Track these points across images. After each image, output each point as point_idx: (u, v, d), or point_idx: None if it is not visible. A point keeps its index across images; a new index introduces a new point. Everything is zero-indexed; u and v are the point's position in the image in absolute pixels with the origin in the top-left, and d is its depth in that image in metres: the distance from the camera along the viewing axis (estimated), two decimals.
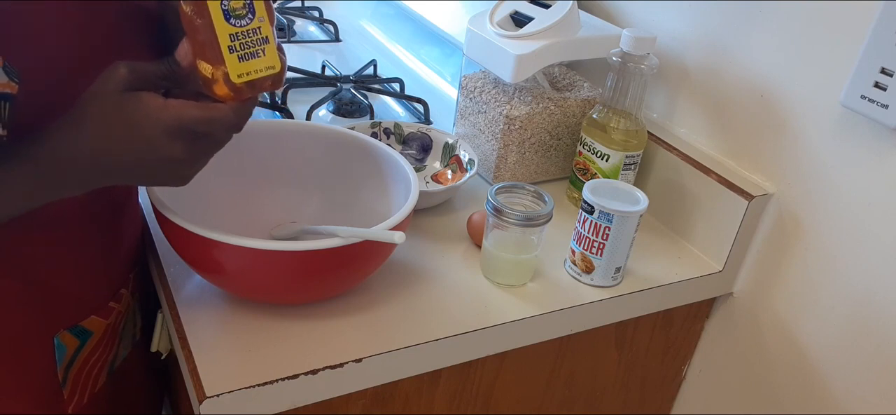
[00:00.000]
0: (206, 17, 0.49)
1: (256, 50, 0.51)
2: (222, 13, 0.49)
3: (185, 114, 0.49)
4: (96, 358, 0.70)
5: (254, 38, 0.50)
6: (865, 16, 0.69)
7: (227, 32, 0.49)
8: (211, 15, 0.48)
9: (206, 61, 0.50)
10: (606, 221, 0.74)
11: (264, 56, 0.51)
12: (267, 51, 0.51)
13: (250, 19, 0.50)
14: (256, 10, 0.50)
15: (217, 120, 0.50)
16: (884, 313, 0.73)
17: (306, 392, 0.62)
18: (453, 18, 1.17)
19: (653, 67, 0.84)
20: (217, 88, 0.50)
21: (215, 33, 0.49)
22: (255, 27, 0.50)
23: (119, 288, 0.71)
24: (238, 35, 0.50)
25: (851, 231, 0.75)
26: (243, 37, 0.50)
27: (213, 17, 0.49)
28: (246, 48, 0.50)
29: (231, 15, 0.49)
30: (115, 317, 0.71)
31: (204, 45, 0.49)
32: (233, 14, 0.49)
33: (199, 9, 0.48)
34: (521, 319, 0.71)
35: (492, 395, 0.78)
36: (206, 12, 0.48)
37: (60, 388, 0.66)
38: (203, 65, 0.50)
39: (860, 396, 0.76)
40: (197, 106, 0.49)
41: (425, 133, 0.96)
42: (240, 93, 0.51)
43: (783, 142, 0.80)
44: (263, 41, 0.51)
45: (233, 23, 0.49)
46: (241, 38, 0.50)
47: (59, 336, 0.65)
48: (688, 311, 0.89)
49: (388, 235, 0.61)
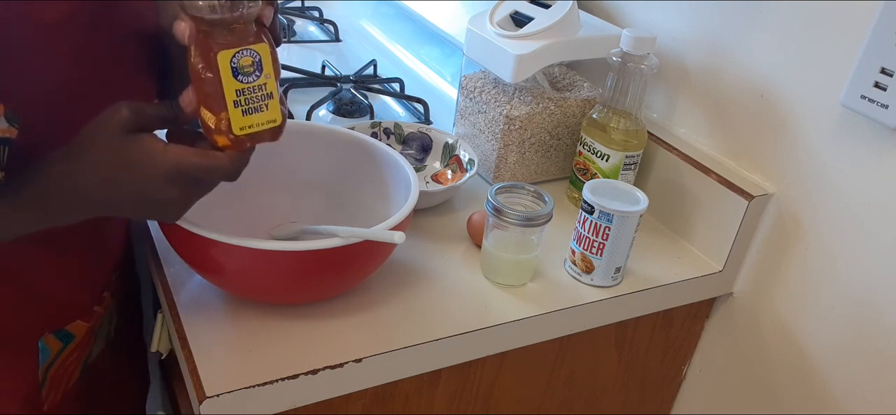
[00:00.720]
0: (214, 72, 0.50)
1: (260, 105, 0.52)
2: (231, 70, 0.50)
3: (184, 160, 0.50)
4: (74, 358, 0.70)
5: (259, 94, 0.52)
6: (865, 16, 0.69)
7: (233, 88, 0.50)
8: (220, 70, 0.50)
9: (210, 111, 0.51)
10: (606, 221, 0.74)
11: (267, 111, 0.52)
12: (270, 105, 0.52)
13: (257, 76, 0.51)
14: (264, 68, 0.51)
15: (215, 169, 0.52)
16: (884, 312, 0.73)
17: (306, 392, 0.62)
18: (453, 18, 1.17)
19: (653, 67, 0.84)
20: (218, 138, 0.52)
21: (222, 88, 0.50)
22: (260, 84, 0.52)
23: (103, 291, 0.72)
24: (244, 91, 0.51)
25: (851, 231, 0.75)
26: (249, 92, 0.51)
27: (222, 72, 0.50)
28: (250, 103, 0.51)
29: (239, 72, 0.50)
30: (97, 319, 0.71)
31: (209, 96, 0.50)
32: (241, 71, 0.50)
33: (208, 64, 0.49)
34: (521, 319, 0.71)
35: (492, 395, 0.78)
36: (215, 67, 0.49)
37: (39, 388, 0.67)
38: (206, 114, 0.51)
39: (860, 396, 0.76)
40: (196, 153, 0.50)
41: (425, 133, 0.96)
42: (240, 144, 0.52)
43: (783, 142, 0.80)
44: (268, 96, 0.52)
45: (240, 79, 0.51)
46: (246, 93, 0.51)
47: (43, 339, 0.65)
48: (688, 311, 0.89)
49: (388, 235, 0.61)
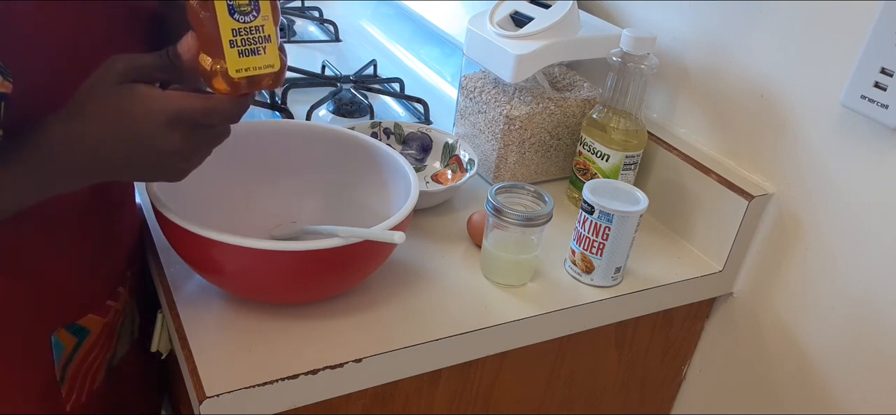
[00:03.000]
0: (210, 11, 0.49)
1: (257, 47, 0.51)
2: (227, 8, 0.50)
3: (184, 102, 0.49)
4: (94, 356, 0.70)
5: (256, 35, 0.51)
6: (865, 16, 0.69)
7: (229, 27, 0.50)
8: (216, 8, 0.49)
9: (208, 54, 0.51)
10: (606, 221, 0.74)
11: (265, 54, 0.52)
12: (268, 49, 0.52)
13: (254, 16, 0.51)
14: (261, 9, 0.51)
15: (216, 110, 0.51)
16: (884, 312, 0.73)
17: (306, 392, 0.62)
18: (453, 18, 1.17)
19: (653, 67, 0.84)
20: (216, 82, 0.51)
21: (218, 27, 0.50)
22: (258, 25, 0.51)
23: (117, 286, 0.71)
24: (240, 31, 0.50)
25: (851, 231, 0.75)
26: (245, 33, 0.51)
27: (218, 10, 0.49)
28: (247, 44, 0.51)
29: (235, 10, 0.50)
30: (113, 315, 0.71)
31: (206, 39, 0.50)
32: (237, 9, 0.50)
33: (204, 2, 0.49)
34: (521, 319, 0.71)
35: (492, 395, 0.78)
36: (211, 6, 0.49)
37: (58, 387, 0.66)
38: (204, 58, 0.51)
39: (860, 396, 0.76)
40: (196, 96, 0.50)
41: (425, 133, 0.96)
42: (237, 88, 0.51)
43: (783, 142, 0.80)
44: (265, 39, 0.52)
45: (236, 18, 0.50)
46: (242, 34, 0.51)
47: (56, 334, 0.65)
48: (688, 311, 0.89)
49: (388, 235, 0.61)
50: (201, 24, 0.50)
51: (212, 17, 0.49)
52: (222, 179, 0.73)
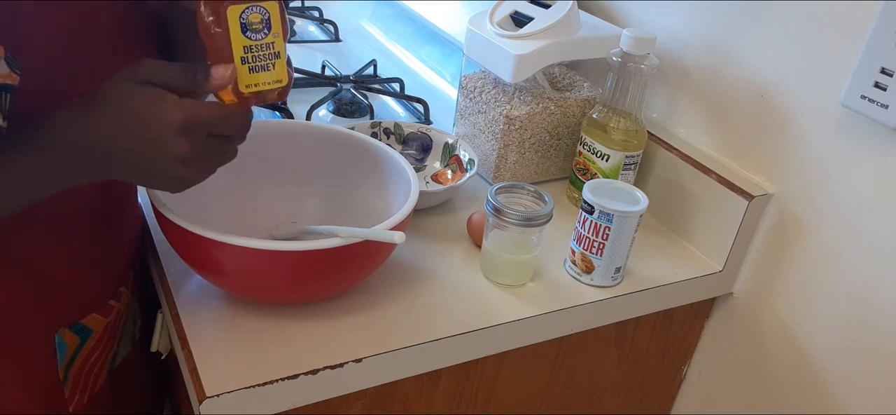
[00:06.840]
0: (223, 27, 0.51)
1: (267, 63, 0.53)
2: (240, 26, 0.51)
3: (196, 111, 0.50)
4: (96, 357, 0.70)
5: (266, 52, 0.53)
6: (865, 16, 0.69)
7: (241, 45, 0.52)
8: (229, 26, 0.51)
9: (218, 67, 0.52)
10: (606, 221, 0.74)
11: (274, 70, 0.53)
12: (277, 65, 0.53)
13: (265, 34, 0.52)
14: (272, 26, 0.52)
15: (228, 119, 0.52)
16: (884, 312, 0.73)
17: (306, 392, 0.62)
18: (453, 18, 1.17)
19: (653, 67, 0.84)
20: (224, 95, 0.52)
21: (230, 43, 0.51)
22: (268, 42, 0.53)
23: (119, 286, 0.71)
24: (251, 47, 0.52)
25: (851, 231, 0.75)
26: (256, 50, 0.52)
27: (231, 28, 0.51)
28: (257, 61, 0.52)
29: (248, 28, 0.51)
30: (116, 315, 0.71)
31: (218, 53, 0.52)
32: (250, 27, 0.52)
33: (218, 19, 0.51)
34: (521, 319, 0.71)
35: (492, 395, 0.78)
36: (224, 23, 0.51)
37: (61, 387, 0.66)
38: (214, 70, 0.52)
39: (860, 396, 0.76)
40: (208, 105, 0.51)
41: (425, 133, 0.96)
42: (245, 102, 0.53)
43: (783, 142, 0.80)
44: (275, 56, 0.53)
45: (248, 36, 0.52)
46: (254, 51, 0.52)
47: (60, 334, 0.65)
48: (688, 311, 0.89)
49: (388, 235, 0.61)
50: (213, 39, 0.51)
51: (224, 34, 0.51)
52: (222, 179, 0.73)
